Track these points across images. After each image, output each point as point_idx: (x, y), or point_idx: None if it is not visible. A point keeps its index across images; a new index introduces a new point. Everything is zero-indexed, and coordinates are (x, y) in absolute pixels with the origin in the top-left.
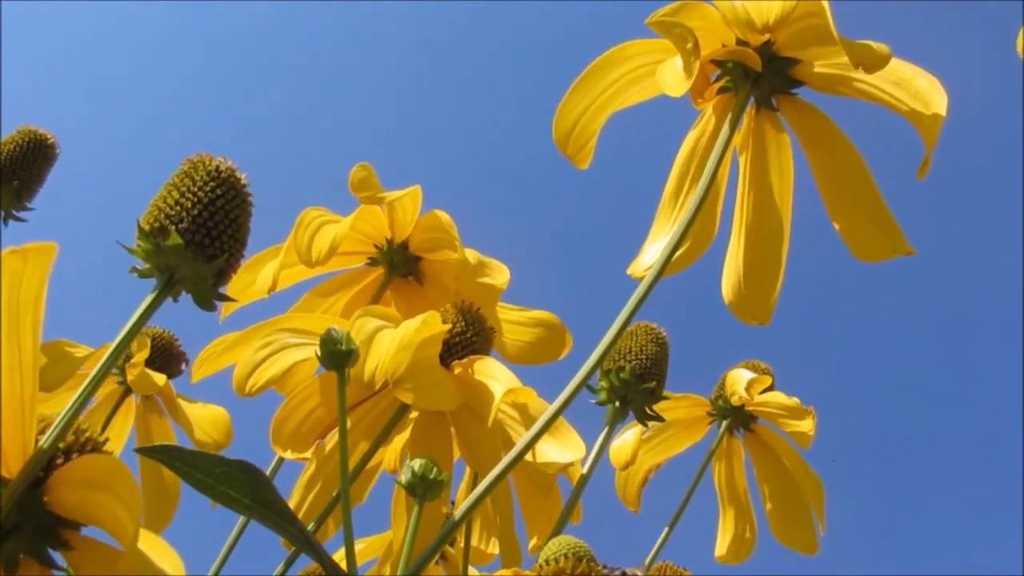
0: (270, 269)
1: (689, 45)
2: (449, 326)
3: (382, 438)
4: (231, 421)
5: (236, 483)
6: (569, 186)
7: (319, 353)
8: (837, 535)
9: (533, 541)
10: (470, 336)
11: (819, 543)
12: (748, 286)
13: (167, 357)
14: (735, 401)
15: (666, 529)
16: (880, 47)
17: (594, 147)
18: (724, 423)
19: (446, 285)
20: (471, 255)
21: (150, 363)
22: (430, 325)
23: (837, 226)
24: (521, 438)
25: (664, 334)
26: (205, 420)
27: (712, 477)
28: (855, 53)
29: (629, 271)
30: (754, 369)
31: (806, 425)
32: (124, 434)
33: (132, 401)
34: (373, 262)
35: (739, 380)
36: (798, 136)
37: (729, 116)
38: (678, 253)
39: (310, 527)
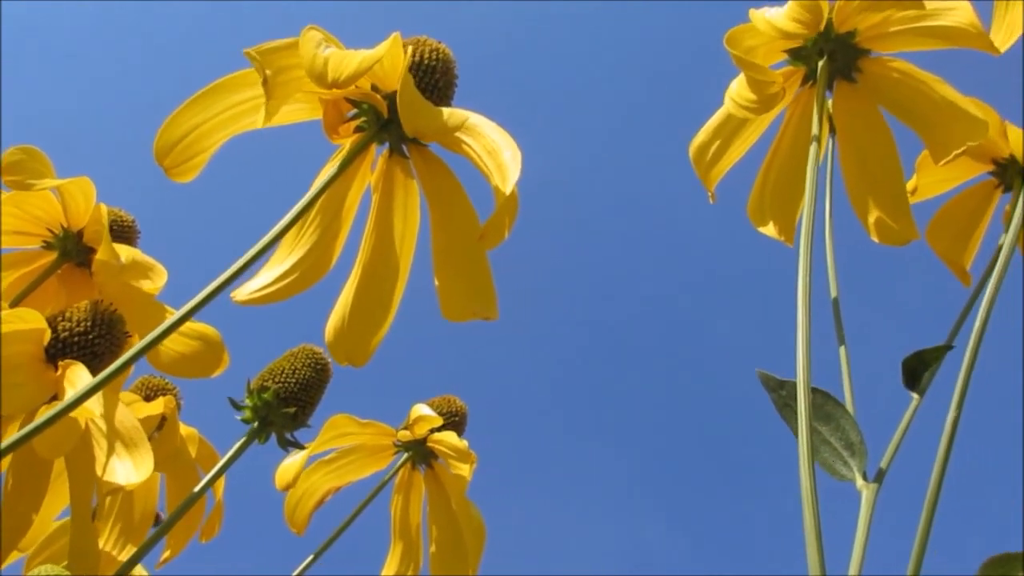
0: None
1: (261, 79)
2: (45, 325)
3: None
4: None
5: None
6: None
7: None
8: None
9: (165, 555)
10: (92, 338)
11: None
12: (351, 326)
13: None
14: (400, 436)
15: (311, 556)
16: (453, 117)
17: (204, 163)
18: (406, 455)
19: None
20: (126, 254)
21: None
22: (24, 320)
23: (436, 282)
24: (101, 450)
25: (326, 361)
26: None
27: (389, 509)
28: (410, 119)
29: (233, 294)
30: (448, 405)
31: (466, 469)
32: None
33: None
34: (49, 246)
35: (413, 414)
36: (423, 187)
37: (344, 156)
38: (285, 281)
39: None
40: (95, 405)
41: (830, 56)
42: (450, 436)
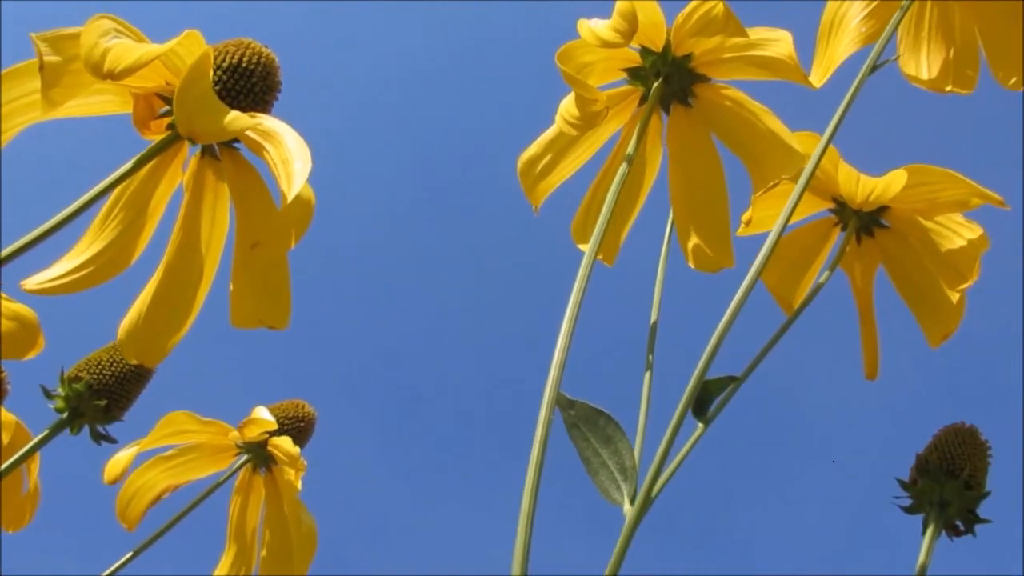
0: None
1: (39, 65)
2: None
3: None
4: None
5: None
6: None
7: None
8: None
9: None
10: None
11: None
12: (146, 324)
13: None
14: (230, 437)
15: (130, 553)
16: (236, 121)
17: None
18: (246, 457)
19: None
20: None
21: None
22: None
23: (231, 286)
24: None
25: None
26: None
27: (228, 511)
28: (184, 120)
29: (22, 283)
30: (296, 411)
31: (295, 476)
32: None
33: None
34: None
35: (249, 416)
36: (231, 191)
37: (143, 153)
38: (79, 274)
39: None
40: None
41: (666, 79)
42: (285, 441)
